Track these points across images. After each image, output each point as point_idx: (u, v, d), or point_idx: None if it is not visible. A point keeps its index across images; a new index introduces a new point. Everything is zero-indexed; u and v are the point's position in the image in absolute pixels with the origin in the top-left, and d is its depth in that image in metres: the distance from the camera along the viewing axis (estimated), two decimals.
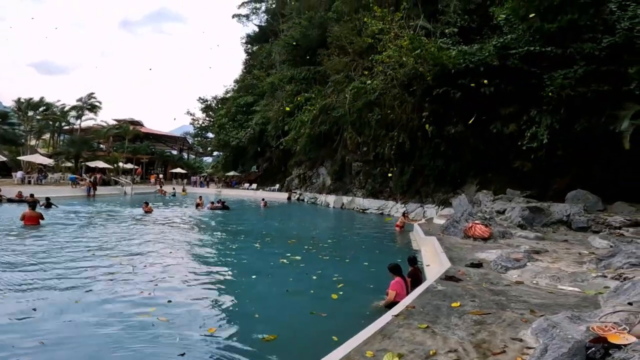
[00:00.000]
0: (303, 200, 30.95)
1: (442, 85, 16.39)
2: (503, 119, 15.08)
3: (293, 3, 39.41)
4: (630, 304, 3.66)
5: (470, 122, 15.67)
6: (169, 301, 6.00)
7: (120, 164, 41.94)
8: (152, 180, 43.61)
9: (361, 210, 23.44)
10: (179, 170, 49.83)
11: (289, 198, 31.86)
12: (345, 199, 25.67)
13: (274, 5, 52.05)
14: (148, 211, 17.52)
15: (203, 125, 61.04)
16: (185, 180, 47.49)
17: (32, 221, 12.03)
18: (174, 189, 35.34)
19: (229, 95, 55.44)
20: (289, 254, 9.80)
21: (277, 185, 36.56)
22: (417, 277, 6.95)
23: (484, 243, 8.95)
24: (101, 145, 47.16)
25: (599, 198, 11.70)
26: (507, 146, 14.95)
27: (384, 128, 21.05)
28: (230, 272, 8.45)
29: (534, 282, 5.46)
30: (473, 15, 19.53)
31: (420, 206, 19.77)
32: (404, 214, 16.85)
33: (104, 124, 43.30)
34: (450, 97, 16.16)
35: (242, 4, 56.62)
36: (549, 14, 14.07)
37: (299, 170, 33.42)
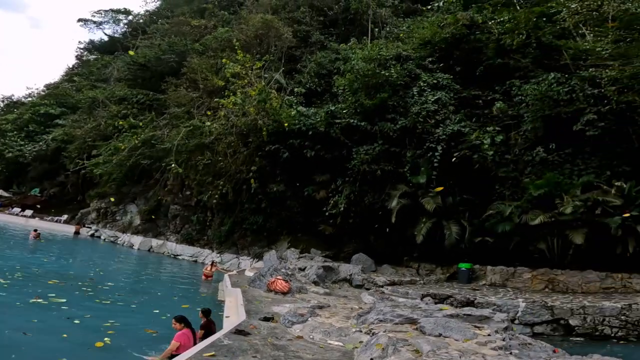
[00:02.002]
0: (99, 237, 26.12)
1: (276, 142, 16.77)
2: (317, 185, 16.42)
3: (164, 25, 36.85)
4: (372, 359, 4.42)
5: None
6: None
7: None
8: None
9: (173, 256, 21.51)
10: None
11: (77, 232, 26.36)
12: (155, 242, 23.03)
13: (141, 20, 48.53)
14: None
15: None
16: None
17: None
18: None
19: (29, 99, 45.87)
20: (52, 295, 8.18)
21: (66, 216, 29.83)
22: (209, 330, 6.84)
23: (282, 297, 9.45)
24: None
25: (373, 261, 14.13)
26: (316, 210, 16.33)
27: (212, 175, 20.46)
28: None
29: (311, 336, 5.99)
30: (322, 80, 21.07)
31: (236, 257, 19.59)
32: (212, 263, 16.29)
33: None
34: (279, 156, 16.63)
35: (100, 11, 50.85)
36: (372, 90, 14.92)
37: (100, 204, 28.28)
